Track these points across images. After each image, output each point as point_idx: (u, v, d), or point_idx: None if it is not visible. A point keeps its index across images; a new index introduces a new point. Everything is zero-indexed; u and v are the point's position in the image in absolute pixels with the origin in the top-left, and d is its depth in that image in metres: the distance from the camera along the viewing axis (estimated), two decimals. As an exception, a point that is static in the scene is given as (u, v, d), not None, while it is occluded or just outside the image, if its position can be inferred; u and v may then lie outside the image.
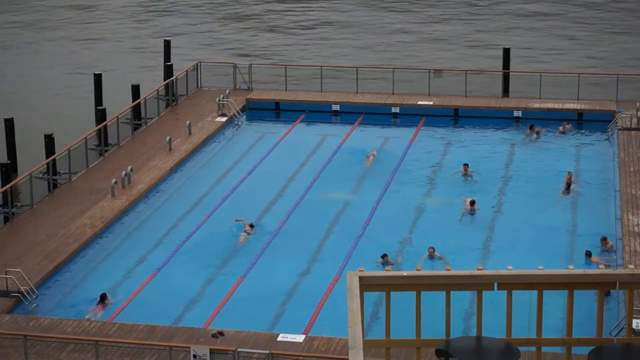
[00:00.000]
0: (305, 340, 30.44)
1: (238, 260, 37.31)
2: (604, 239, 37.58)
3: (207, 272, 36.33)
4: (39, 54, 74.82)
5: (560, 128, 51.03)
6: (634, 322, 26.78)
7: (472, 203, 41.56)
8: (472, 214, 41.39)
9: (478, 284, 16.96)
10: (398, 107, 54.14)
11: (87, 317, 32.85)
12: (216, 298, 34.27)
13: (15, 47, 76.89)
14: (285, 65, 58.57)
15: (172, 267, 36.83)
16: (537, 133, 50.55)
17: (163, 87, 54.92)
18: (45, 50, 76.02)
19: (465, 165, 45.61)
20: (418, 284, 16.97)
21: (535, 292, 16.87)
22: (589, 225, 39.88)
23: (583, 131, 51.52)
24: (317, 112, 54.63)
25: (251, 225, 39.76)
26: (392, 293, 16.83)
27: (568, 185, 43.83)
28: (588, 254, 36.45)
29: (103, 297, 33.92)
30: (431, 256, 36.36)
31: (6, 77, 68.14)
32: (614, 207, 41.24)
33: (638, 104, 51.42)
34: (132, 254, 37.81)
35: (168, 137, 48.35)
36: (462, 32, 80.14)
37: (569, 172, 44.67)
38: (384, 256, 35.78)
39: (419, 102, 54.26)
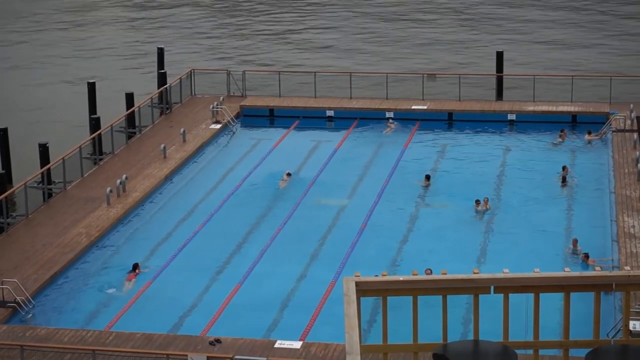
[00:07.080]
0: (302, 346, 30.43)
1: (234, 267, 37.29)
2: (575, 241, 37.58)
3: (204, 280, 36.30)
4: (33, 62, 74.73)
5: (587, 137, 50.62)
6: (631, 323, 26.79)
7: (478, 203, 41.56)
8: (481, 214, 41.37)
9: (474, 288, 16.96)
10: (392, 112, 54.15)
11: (112, 290, 35.24)
12: (213, 305, 34.23)
13: (9, 57, 76.80)
14: (279, 71, 58.55)
15: (169, 275, 36.81)
16: (561, 136, 50.54)
17: (157, 95, 54.89)
18: (38, 59, 75.93)
19: (427, 176, 45.41)
20: (414, 289, 16.97)
21: (532, 295, 16.88)
22: (584, 228, 39.89)
23: (577, 133, 51.55)
24: (311, 118, 54.64)
25: (288, 174, 44.17)
26: (388, 298, 16.83)
27: (564, 178, 44.07)
28: (585, 257, 36.47)
29: (135, 267, 36.11)
30: None
31: (0, 87, 68.06)
32: (609, 209, 41.29)
33: (631, 105, 51.50)
34: (128, 262, 37.74)
35: (162, 145, 48.33)
36: (455, 35, 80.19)
37: (564, 166, 45.00)
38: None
39: (413, 107, 54.28)
